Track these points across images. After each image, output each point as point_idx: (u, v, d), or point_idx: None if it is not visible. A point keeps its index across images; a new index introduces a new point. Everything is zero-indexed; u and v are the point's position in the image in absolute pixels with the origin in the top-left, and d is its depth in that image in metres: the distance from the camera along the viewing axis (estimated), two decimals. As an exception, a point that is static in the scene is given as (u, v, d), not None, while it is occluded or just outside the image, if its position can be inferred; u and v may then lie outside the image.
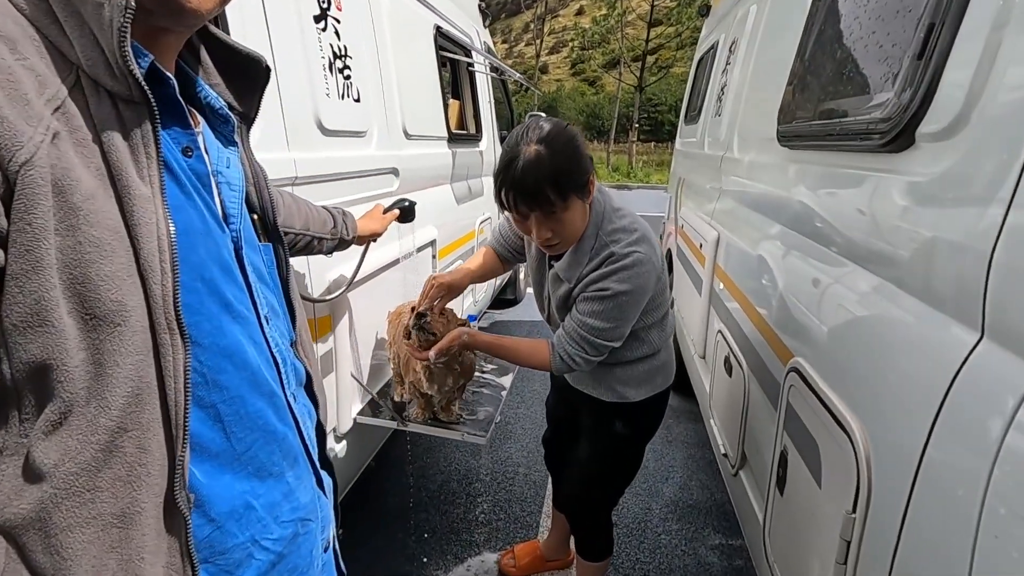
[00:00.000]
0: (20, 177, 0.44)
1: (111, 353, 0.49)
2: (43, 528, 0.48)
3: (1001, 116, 0.66)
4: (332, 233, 1.20)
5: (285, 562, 0.67)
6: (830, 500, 0.92)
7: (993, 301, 0.63)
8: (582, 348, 1.27)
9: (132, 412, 0.50)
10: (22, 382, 0.47)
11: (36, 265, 0.45)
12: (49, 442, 0.48)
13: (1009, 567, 0.54)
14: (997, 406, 0.58)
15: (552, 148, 1.15)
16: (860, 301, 0.95)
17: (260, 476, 0.64)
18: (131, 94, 0.51)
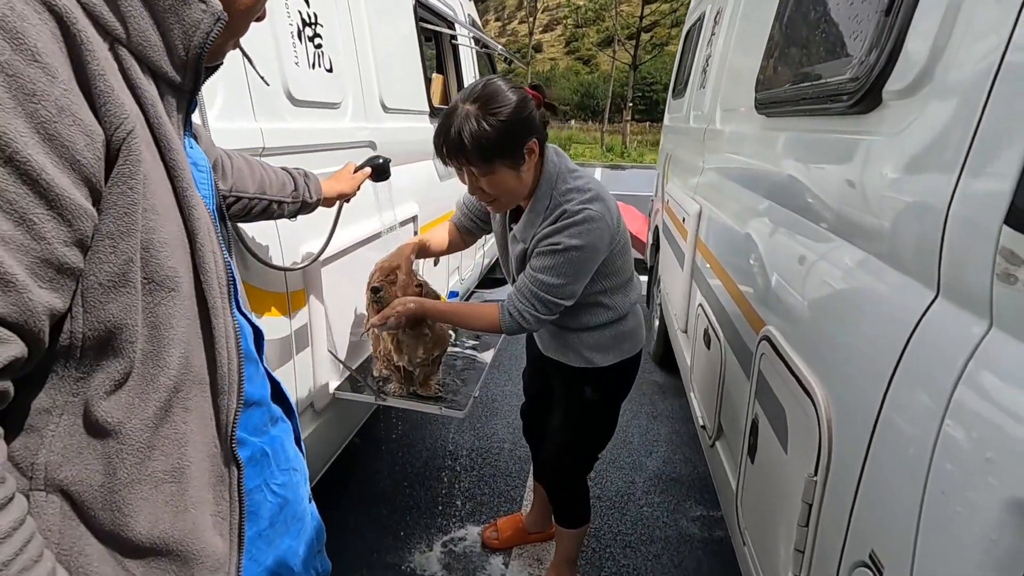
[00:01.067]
0: (125, 145, 0.47)
1: (166, 316, 0.51)
2: (107, 484, 0.50)
3: (962, 70, 0.65)
4: (293, 196, 1.16)
5: (288, 507, 0.72)
6: (795, 465, 0.93)
7: (948, 259, 0.62)
8: (532, 305, 1.27)
9: (183, 373, 0.53)
10: (90, 341, 0.48)
11: (131, 227, 0.48)
12: (110, 401, 0.49)
13: (954, 522, 0.54)
14: (948, 363, 0.58)
15: (485, 112, 1.16)
16: (827, 266, 0.94)
17: (256, 433, 0.69)
18: (182, 81, 0.55)
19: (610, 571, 1.88)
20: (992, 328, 0.55)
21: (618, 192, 11.38)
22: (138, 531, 0.51)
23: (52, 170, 0.42)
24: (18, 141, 0.40)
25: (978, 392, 0.54)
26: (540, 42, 77.83)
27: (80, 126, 0.44)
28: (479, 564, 1.89)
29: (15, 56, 0.40)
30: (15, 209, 0.41)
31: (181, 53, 0.53)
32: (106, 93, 0.46)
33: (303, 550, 0.76)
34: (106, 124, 0.46)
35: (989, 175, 0.56)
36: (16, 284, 0.41)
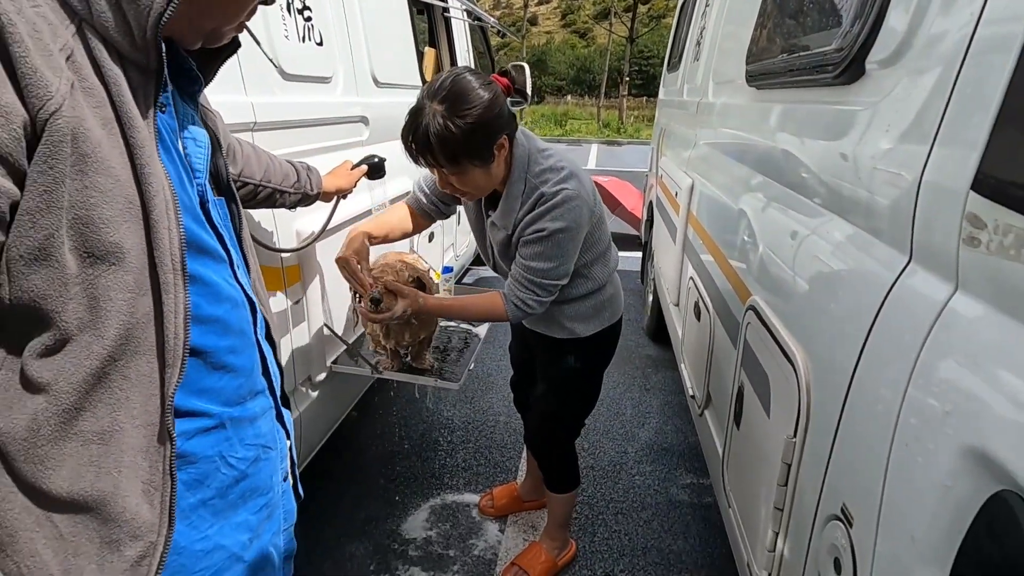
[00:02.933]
0: (48, 125, 0.48)
1: (106, 289, 0.53)
2: (31, 438, 0.52)
3: (938, 41, 0.66)
4: (295, 187, 1.19)
5: (246, 481, 0.72)
6: (777, 428, 0.96)
7: (920, 225, 0.64)
8: (532, 292, 1.30)
9: (123, 344, 0.55)
10: (17, 307, 0.51)
11: (51, 205, 0.49)
12: (42, 363, 0.52)
13: (915, 472, 0.57)
14: (916, 325, 0.61)
15: (452, 113, 1.13)
16: (812, 238, 0.96)
17: (228, 404, 0.70)
18: (146, 62, 0.56)
19: (602, 536, 1.95)
20: (957, 291, 0.57)
21: (615, 168, 11.33)
22: (58, 485, 0.54)
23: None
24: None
25: (942, 351, 0.56)
26: (535, 15, 76.38)
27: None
28: (476, 531, 1.95)
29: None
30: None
31: (139, 33, 0.54)
32: (29, 75, 0.47)
33: (263, 526, 0.77)
34: (28, 105, 0.47)
35: (959, 143, 0.58)
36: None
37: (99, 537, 0.56)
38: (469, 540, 1.91)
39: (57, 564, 0.55)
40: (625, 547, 1.90)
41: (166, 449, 0.60)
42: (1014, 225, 0.49)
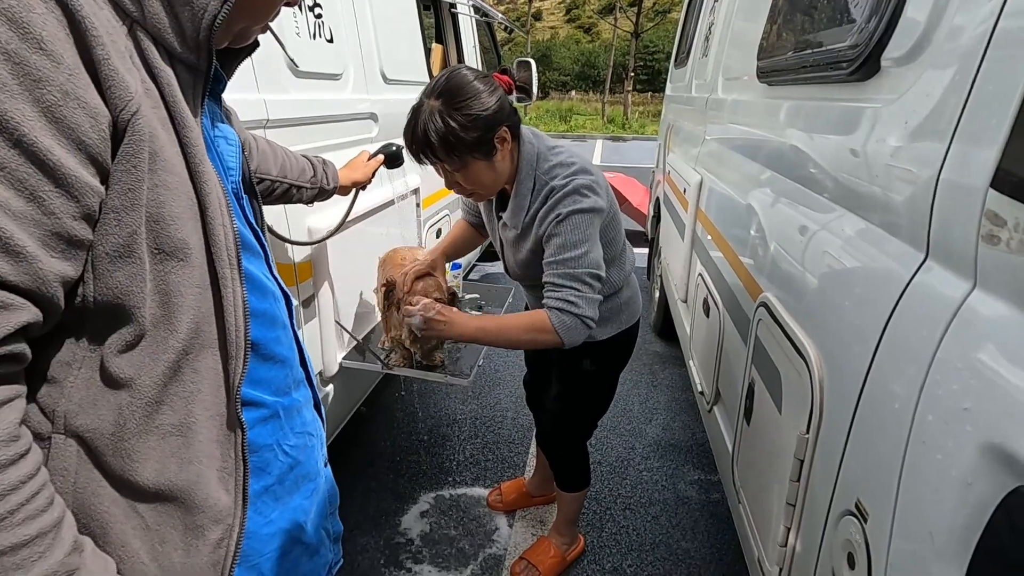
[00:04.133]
0: (130, 126, 0.50)
1: (176, 285, 0.54)
2: (118, 433, 0.54)
3: (958, 37, 0.66)
4: (312, 182, 1.20)
5: (298, 469, 0.76)
6: (788, 424, 0.96)
7: (938, 222, 0.64)
8: (572, 288, 1.18)
9: (193, 338, 0.56)
10: (100, 304, 0.52)
11: (134, 203, 0.51)
12: (123, 359, 0.53)
13: (933, 469, 0.57)
14: (934, 321, 0.61)
15: (449, 107, 1.13)
16: (825, 234, 0.96)
17: (279, 394, 0.73)
18: (196, 61, 0.57)
19: (610, 531, 1.96)
20: (976, 288, 0.57)
21: (620, 164, 11.30)
22: (146, 477, 0.55)
23: (59, 151, 0.45)
24: (25, 125, 0.43)
25: (960, 348, 0.57)
26: (539, 10, 76.06)
27: (85, 109, 0.46)
28: (485, 525, 1.96)
29: (21, 44, 0.42)
30: (25, 187, 0.44)
31: (192, 34, 0.55)
32: (111, 77, 0.48)
33: (314, 510, 0.80)
34: (112, 106, 0.48)
35: (978, 140, 0.58)
36: (27, 255, 0.44)
37: (183, 525, 0.58)
38: (478, 534, 1.92)
39: (146, 552, 0.56)
40: (633, 542, 1.91)
41: (237, 436, 0.63)
42: (1036, 223, 0.49)
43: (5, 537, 0.44)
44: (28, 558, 0.45)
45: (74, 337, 0.52)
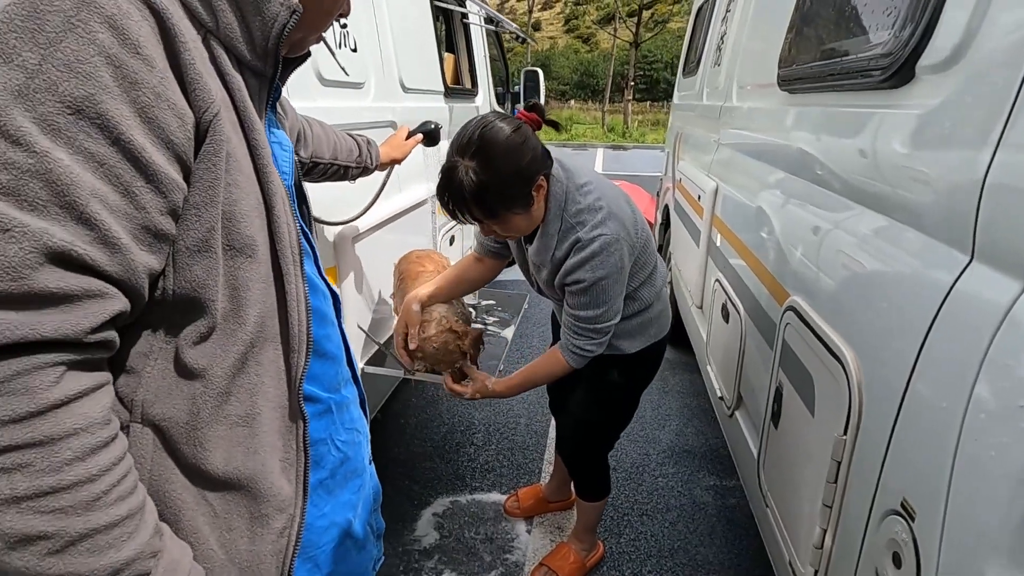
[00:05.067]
0: (212, 127, 0.52)
1: (244, 280, 0.56)
2: (190, 421, 0.55)
3: (999, 44, 0.68)
4: (358, 161, 1.25)
5: (348, 464, 0.77)
6: (822, 427, 0.97)
7: (983, 225, 0.66)
8: (587, 337, 1.31)
9: (258, 331, 0.58)
10: (178, 297, 0.54)
11: (213, 200, 0.53)
12: (197, 350, 0.55)
13: (987, 464, 0.58)
14: (984, 322, 0.62)
15: (484, 168, 1.11)
16: (857, 237, 0.98)
17: (330, 390, 0.74)
18: (263, 68, 0.60)
19: (629, 538, 1.96)
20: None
21: (623, 173, 11.36)
22: (215, 465, 0.57)
23: (151, 149, 0.47)
24: (123, 124, 0.45)
25: (1012, 347, 0.58)
26: (538, 20, 76.66)
27: (174, 110, 0.48)
28: (503, 532, 1.96)
29: (120, 49, 0.44)
30: (121, 182, 0.46)
31: (262, 43, 0.57)
32: (196, 80, 0.50)
33: (361, 506, 0.81)
34: (195, 108, 0.51)
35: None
36: (121, 246, 0.46)
37: (248, 513, 0.60)
38: (497, 541, 1.92)
39: (215, 539, 0.58)
40: (652, 549, 1.91)
41: (298, 428, 0.64)
42: (1092, 223, 0.50)
43: (100, 517, 0.45)
44: (119, 538, 0.46)
45: (151, 329, 0.54)
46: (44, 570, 0.43)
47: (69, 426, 0.43)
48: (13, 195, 0.41)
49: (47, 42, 0.41)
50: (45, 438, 0.42)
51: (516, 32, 3.59)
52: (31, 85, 0.41)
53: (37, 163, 0.41)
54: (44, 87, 0.41)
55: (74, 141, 0.43)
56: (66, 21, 0.42)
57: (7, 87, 0.40)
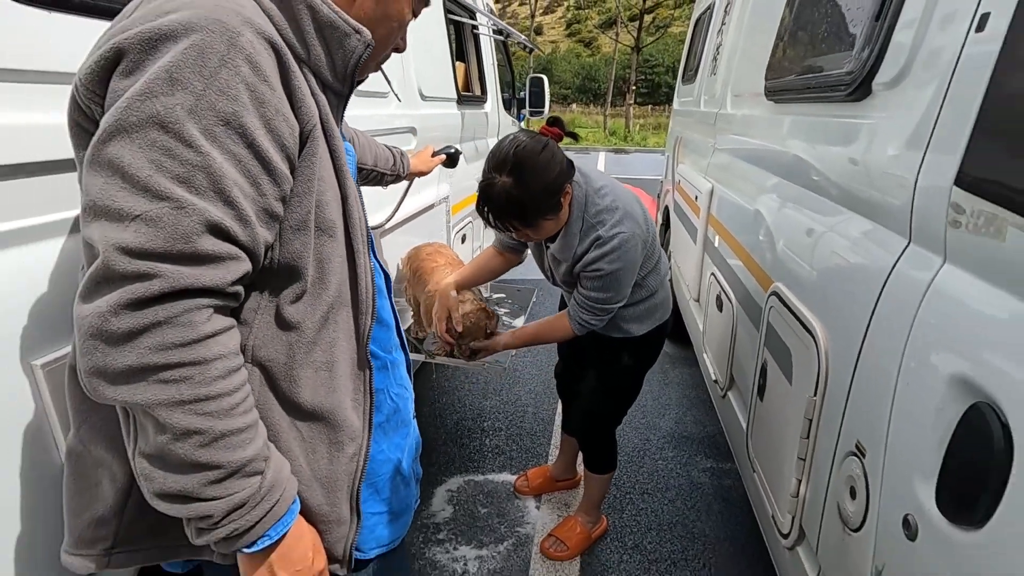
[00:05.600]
0: (311, 135, 0.66)
1: (328, 254, 0.71)
2: (287, 363, 0.70)
3: (930, 66, 0.83)
4: (392, 169, 1.41)
5: (398, 414, 0.91)
6: (798, 392, 1.13)
7: (917, 213, 0.81)
8: (593, 314, 1.49)
9: (337, 296, 0.73)
10: (280, 265, 0.68)
11: (309, 190, 0.67)
12: (293, 307, 0.70)
13: (914, 404, 0.74)
14: (915, 289, 0.77)
15: (520, 184, 1.29)
16: (828, 229, 1.13)
17: (385, 351, 0.89)
18: (341, 88, 0.74)
19: (631, 513, 2.11)
20: (946, 262, 0.74)
21: (624, 176, 11.52)
22: (304, 399, 0.71)
23: (272, 151, 0.62)
24: (255, 132, 0.60)
25: (934, 306, 0.73)
26: (540, 24, 77.04)
27: (287, 122, 0.64)
28: (514, 508, 2.11)
29: (255, 78, 0.60)
30: (251, 175, 0.61)
31: (342, 69, 0.72)
32: (301, 100, 0.65)
33: (407, 451, 0.96)
34: (300, 120, 0.66)
35: (945, 149, 0.75)
36: (251, 223, 0.61)
37: (328, 439, 0.74)
38: (509, 516, 2.07)
39: (303, 458, 0.72)
40: (652, 523, 2.06)
41: (365, 376, 0.79)
42: (984, 210, 0.66)
43: (234, 422, 0.60)
44: (244, 441, 0.61)
45: (259, 290, 0.69)
46: (196, 458, 0.58)
47: (216, 351, 0.58)
48: (186, 183, 0.56)
49: (209, 74, 0.56)
50: (201, 359, 0.57)
51: (523, 43, 3.76)
52: (198, 105, 0.56)
53: (202, 160, 0.56)
54: (206, 106, 0.56)
55: (224, 145, 0.58)
56: (221, 59, 0.57)
57: (183, 106, 0.55)
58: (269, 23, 0.63)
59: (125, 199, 0.54)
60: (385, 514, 0.88)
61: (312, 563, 0.70)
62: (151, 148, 0.54)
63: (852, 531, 0.88)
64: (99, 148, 0.55)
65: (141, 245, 0.53)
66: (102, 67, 0.57)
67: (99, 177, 0.55)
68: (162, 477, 0.59)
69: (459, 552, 1.90)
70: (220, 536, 0.61)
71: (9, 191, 0.71)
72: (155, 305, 0.54)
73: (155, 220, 0.54)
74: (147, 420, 0.58)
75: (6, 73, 0.70)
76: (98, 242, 0.54)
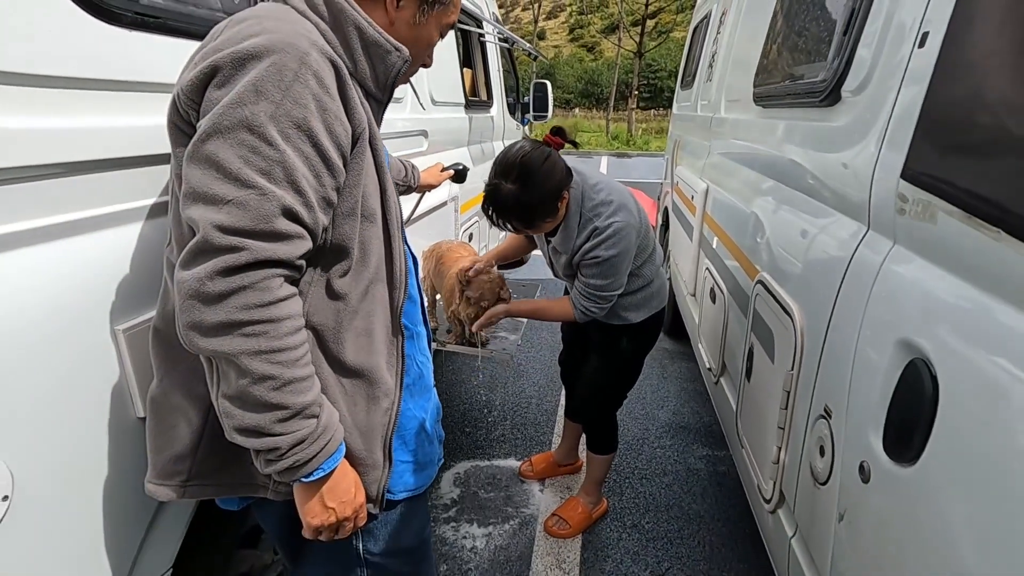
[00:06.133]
0: (360, 137, 0.78)
1: (369, 238, 0.83)
2: (335, 328, 0.82)
3: (885, 77, 0.95)
4: (404, 181, 1.53)
5: (422, 379, 1.03)
6: (779, 369, 1.24)
7: (874, 204, 0.93)
8: (593, 302, 1.62)
9: (376, 273, 0.84)
10: (331, 245, 0.80)
11: (357, 183, 0.79)
12: (341, 281, 0.81)
13: (868, 367, 0.86)
14: (871, 267, 0.90)
15: (523, 191, 1.45)
16: (805, 221, 1.25)
17: (414, 323, 1.01)
18: (382, 97, 0.86)
19: (630, 496, 2.22)
20: (895, 244, 0.86)
21: (626, 179, 11.65)
22: (348, 358, 0.83)
23: (331, 149, 0.74)
24: (319, 135, 0.72)
25: (886, 281, 0.85)
26: (543, 29, 77.44)
27: (343, 126, 0.75)
28: (519, 490, 2.23)
29: (320, 90, 0.72)
30: (315, 169, 0.73)
31: (383, 81, 0.84)
32: (354, 108, 0.77)
33: (430, 412, 1.08)
34: (353, 124, 0.78)
35: (894, 147, 0.87)
36: (314, 208, 0.73)
37: (366, 395, 0.86)
38: (515, 497, 2.19)
39: (346, 408, 0.84)
40: (650, 505, 2.18)
41: (398, 342, 0.91)
42: (922, 199, 0.78)
43: (299, 371, 0.72)
44: (306, 387, 0.73)
45: (313, 267, 0.80)
46: (269, 399, 0.70)
47: (286, 312, 0.70)
48: (267, 175, 0.68)
49: (285, 87, 0.69)
50: (275, 318, 0.69)
51: (529, 51, 3.89)
52: (277, 112, 0.68)
53: (280, 156, 0.68)
54: (283, 113, 0.69)
55: (296, 144, 0.70)
56: (294, 74, 0.69)
57: (265, 112, 0.68)
58: (326, 44, 0.76)
59: (220, 187, 0.66)
60: (411, 463, 1.00)
61: (355, 496, 0.83)
62: (240, 146, 0.67)
63: (821, 485, 1.00)
64: (198, 146, 0.67)
65: (233, 223, 0.66)
66: (200, 80, 0.70)
67: (198, 169, 0.67)
68: (240, 415, 0.71)
69: (468, 530, 2.02)
70: (284, 466, 0.73)
71: (98, 183, 0.84)
72: (242, 272, 0.66)
73: (243, 204, 0.66)
74: (229, 367, 0.70)
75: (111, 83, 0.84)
76: (198, 220, 0.66)
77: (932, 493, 0.69)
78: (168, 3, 0.95)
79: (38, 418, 0.75)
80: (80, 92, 0.80)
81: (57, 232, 0.78)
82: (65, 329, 0.78)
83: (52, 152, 0.76)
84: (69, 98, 0.78)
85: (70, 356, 0.79)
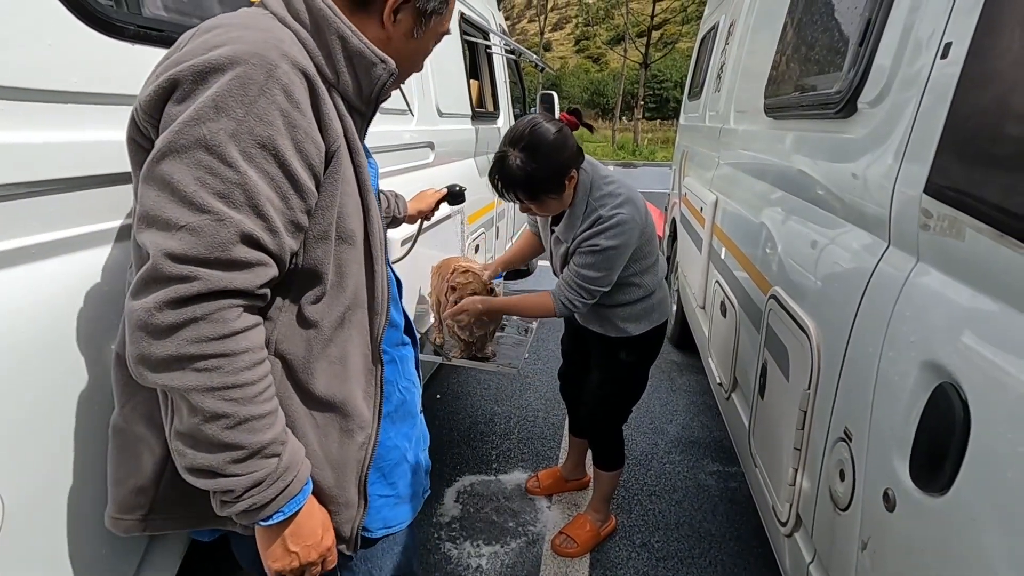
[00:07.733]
0: (335, 155, 0.73)
1: (347, 261, 0.78)
2: (305, 357, 0.77)
3: (904, 88, 0.93)
4: (387, 212, 1.44)
5: (405, 405, 0.99)
6: (795, 387, 1.21)
7: (895, 219, 0.90)
8: (578, 294, 1.55)
9: (353, 299, 0.80)
10: (303, 270, 0.76)
11: (332, 204, 0.75)
12: (313, 308, 0.77)
13: (892, 389, 0.82)
14: (894, 284, 0.86)
15: (531, 159, 1.41)
16: (820, 235, 1.22)
17: (394, 346, 0.97)
18: (365, 110, 0.82)
19: (639, 513, 2.17)
20: (919, 261, 0.83)
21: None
22: (320, 389, 0.78)
23: (300, 169, 0.70)
24: (286, 153, 0.68)
25: (910, 299, 0.82)
26: (549, 40, 78.03)
27: (314, 144, 0.71)
28: (526, 506, 2.19)
29: (288, 105, 0.68)
30: (281, 191, 0.69)
31: (367, 94, 0.80)
32: (328, 124, 0.73)
33: (414, 440, 1.02)
34: (327, 141, 0.73)
35: (916, 160, 0.84)
36: (279, 234, 0.69)
37: (339, 427, 0.81)
38: (521, 514, 2.14)
39: (317, 443, 0.79)
40: (659, 523, 2.13)
41: (377, 371, 0.86)
42: (947, 214, 0.75)
43: (257, 408, 0.68)
44: (265, 426, 0.69)
45: (283, 291, 0.76)
46: (222, 439, 0.65)
47: (244, 345, 0.66)
48: (225, 198, 0.64)
49: (249, 102, 0.65)
50: (230, 351, 0.65)
51: (536, 62, 3.89)
52: (239, 129, 0.64)
53: (240, 178, 0.64)
54: (245, 131, 0.64)
55: (259, 164, 0.66)
56: (260, 89, 0.65)
57: (225, 131, 0.64)
58: (304, 53, 0.72)
59: (173, 211, 0.62)
60: (392, 497, 0.94)
61: (321, 539, 0.77)
62: (197, 167, 0.63)
63: (841, 511, 0.96)
64: (152, 166, 0.64)
65: (185, 251, 0.61)
66: (159, 95, 0.66)
67: (152, 190, 0.63)
68: (192, 454, 0.66)
69: (473, 548, 1.98)
70: (240, 509, 0.69)
71: (103, 197, 0.82)
72: (193, 304, 0.62)
73: (197, 230, 0.62)
74: (182, 403, 0.66)
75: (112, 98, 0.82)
76: (149, 247, 0.62)
77: (966, 525, 0.65)
78: (171, 15, 0.93)
79: (25, 446, 0.72)
80: (79, 107, 0.78)
81: (61, 247, 0.77)
82: (63, 347, 0.76)
83: (57, 167, 0.75)
84: (67, 112, 0.77)
85: (65, 376, 0.76)
